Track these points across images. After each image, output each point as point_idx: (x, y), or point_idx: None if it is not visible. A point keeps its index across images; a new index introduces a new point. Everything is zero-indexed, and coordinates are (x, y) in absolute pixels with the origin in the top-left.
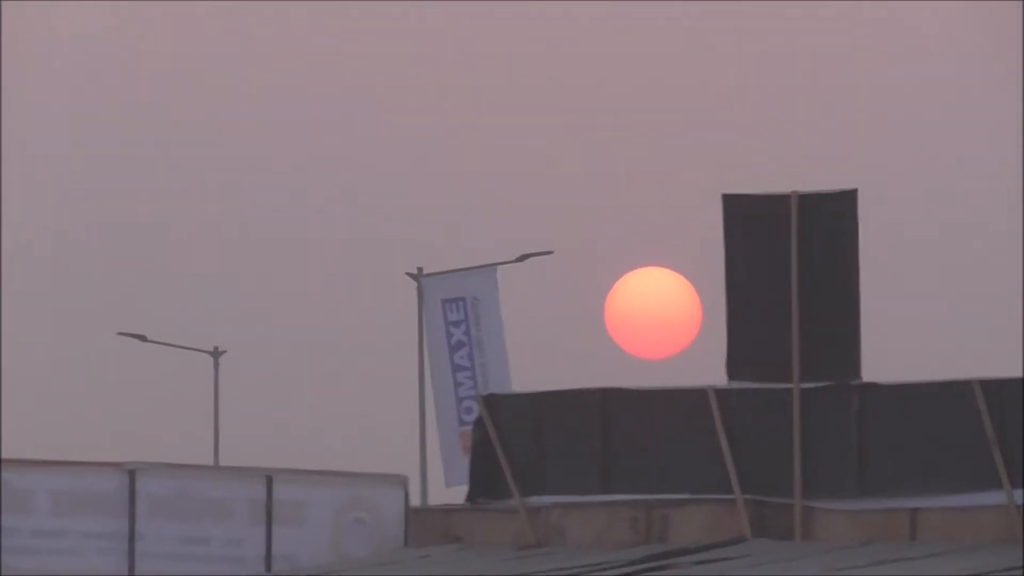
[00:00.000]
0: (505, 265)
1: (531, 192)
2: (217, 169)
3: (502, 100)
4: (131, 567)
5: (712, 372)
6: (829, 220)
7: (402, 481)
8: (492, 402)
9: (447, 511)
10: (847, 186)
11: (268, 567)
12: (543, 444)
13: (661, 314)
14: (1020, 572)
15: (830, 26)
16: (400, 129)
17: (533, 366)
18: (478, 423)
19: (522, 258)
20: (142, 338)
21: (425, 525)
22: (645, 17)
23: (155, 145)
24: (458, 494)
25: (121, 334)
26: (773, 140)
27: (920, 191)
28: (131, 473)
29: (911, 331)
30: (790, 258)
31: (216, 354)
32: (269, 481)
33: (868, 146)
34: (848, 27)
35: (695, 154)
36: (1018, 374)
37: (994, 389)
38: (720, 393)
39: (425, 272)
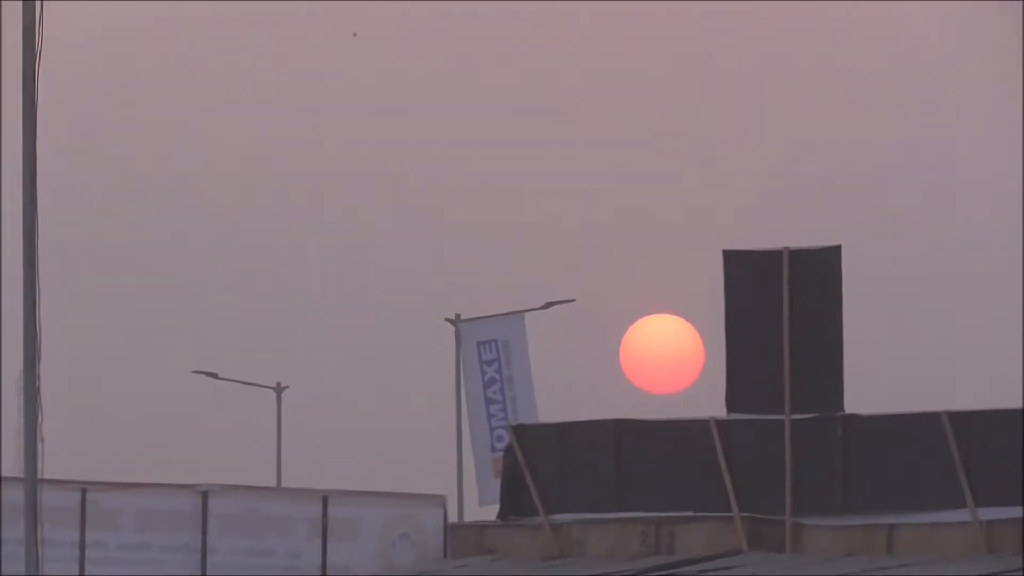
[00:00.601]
0: (532, 312)
1: (555, 245)
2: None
3: (526, 158)
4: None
5: (713, 405)
6: (816, 273)
7: (441, 501)
8: (520, 431)
9: (481, 527)
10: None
11: None
12: (565, 468)
13: (668, 355)
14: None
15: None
16: (439, 186)
17: (557, 400)
18: (508, 449)
19: (547, 305)
20: (214, 375)
21: (462, 539)
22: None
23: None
24: (490, 512)
25: (196, 372)
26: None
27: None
28: (204, 494)
29: (891, 367)
30: (782, 306)
31: (279, 389)
32: (325, 501)
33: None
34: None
35: (699, 207)
36: (982, 407)
37: (960, 419)
38: (720, 424)
39: (462, 318)
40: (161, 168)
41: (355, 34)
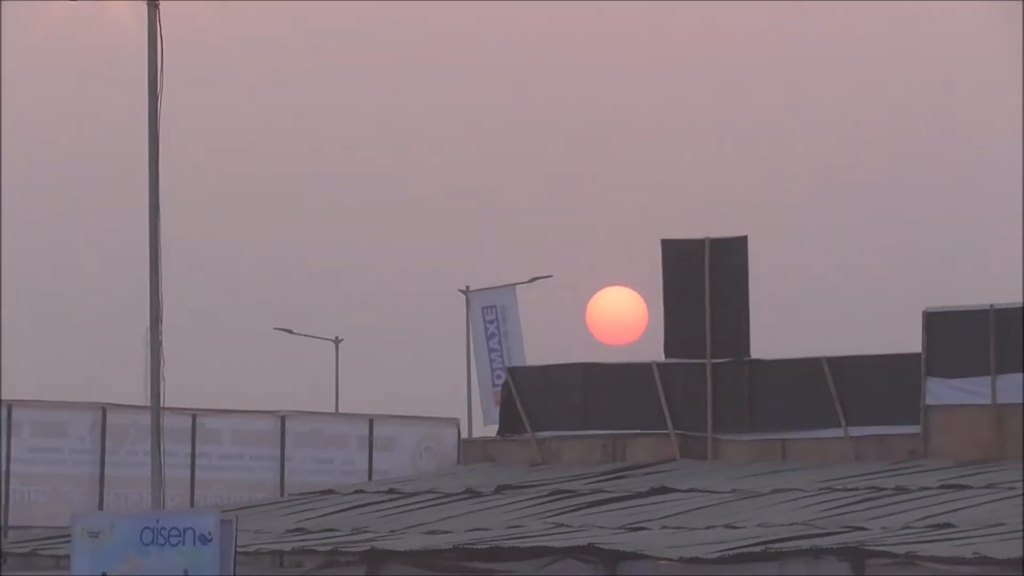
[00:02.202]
0: (521, 284)
1: (538, 230)
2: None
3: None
4: (283, 479)
5: (654, 353)
6: (729, 256)
7: (456, 422)
8: (513, 372)
9: (485, 441)
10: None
11: (370, 478)
12: (546, 398)
13: (621, 316)
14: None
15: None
16: (450, 178)
17: (540, 349)
18: (505, 385)
19: (532, 280)
20: (289, 331)
21: (471, 450)
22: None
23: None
24: (491, 430)
25: (277, 328)
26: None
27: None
28: (282, 418)
29: (783, 324)
30: (704, 281)
31: (336, 341)
32: (371, 422)
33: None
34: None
35: (645, 202)
36: (852, 353)
37: (835, 363)
38: (660, 366)
39: (471, 289)
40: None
41: None
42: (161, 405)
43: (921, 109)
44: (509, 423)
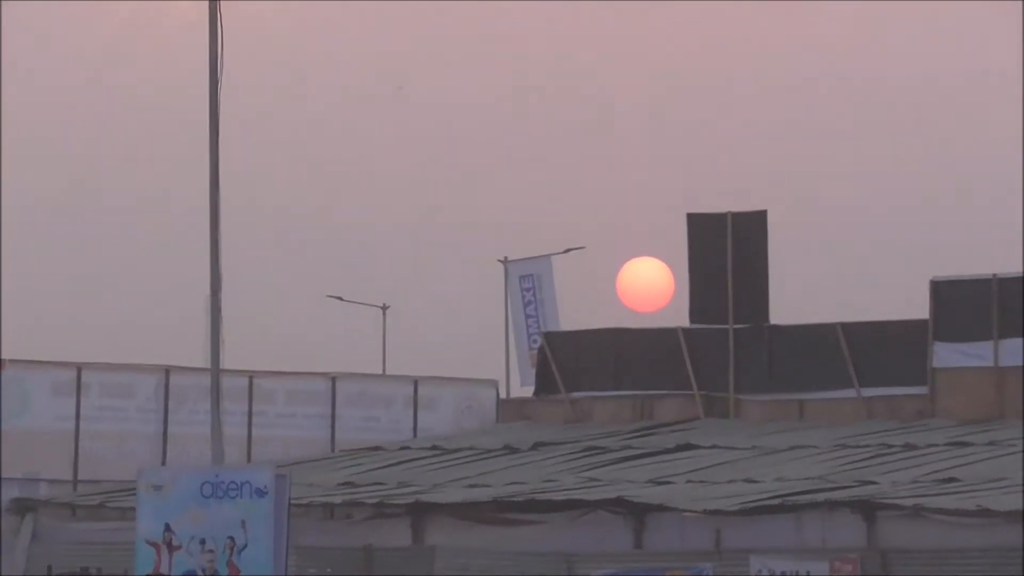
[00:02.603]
0: (556, 255)
1: (572, 202)
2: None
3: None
4: (333, 436)
5: (680, 319)
6: (750, 229)
7: (495, 383)
8: (549, 336)
9: (522, 401)
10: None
11: (414, 435)
12: (579, 360)
13: (650, 285)
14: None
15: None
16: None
17: (573, 315)
18: (540, 348)
19: (566, 250)
20: (340, 298)
21: (508, 410)
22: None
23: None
24: (528, 391)
25: (328, 296)
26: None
27: None
28: (333, 379)
29: (802, 293)
30: (726, 252)
31: (384, 308)
32: (416, 383)
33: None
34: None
35: (670, 181)
36: (865, 319)
37: (849, 328)
38: (685, 331)
39: (509, 259)
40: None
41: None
42: (220, 367)
43: (928, 86)
44: (544, 384)
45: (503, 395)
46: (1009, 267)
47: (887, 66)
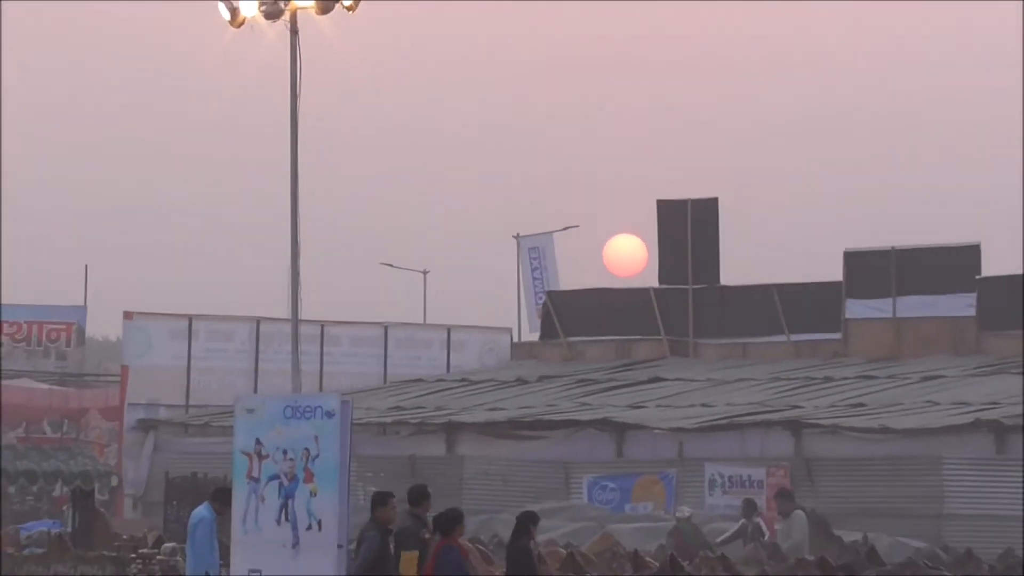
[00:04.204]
0: (556, 232)
1: (569, 191)
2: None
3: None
4: (385, 371)
5: (652, 281)
6: (705, 212)
7: (509, 331)
8: (551, 295)
9: (530, 344)
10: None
11: (448, 371)
12: (575, 312)
13: (628, 255)
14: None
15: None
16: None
17: (570, 278)
18: (544, 304)
19: (564, 228)
20: (391, 265)
21: (520, 350)
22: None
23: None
24: (535, 336)
25: (382, 263)
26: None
27: None
28: (386, 327)
29: (750, 256)
30: (687, 230)
31: (424, 272)
32: (448, 330)
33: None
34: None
35: (647, 169)
36: (796, 280)
37: (782, 287)
38: (656, 290)
39: (520, 235)
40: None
41: None
42: (299, 318)
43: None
44: (548, 331)
45: (516, 339)
46: (904, 240)
47: (819, 71)
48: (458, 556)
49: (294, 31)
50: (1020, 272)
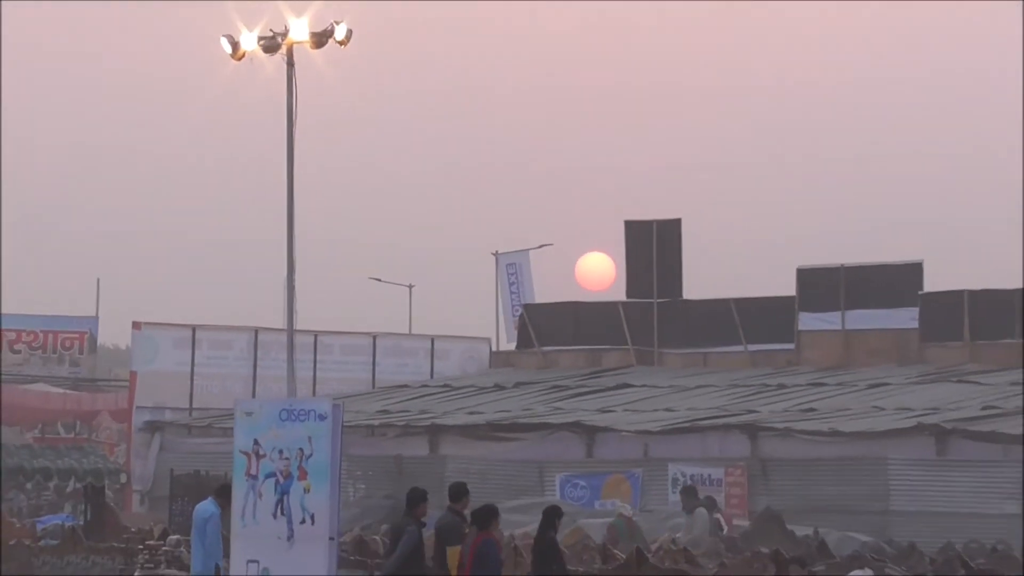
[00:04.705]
0: (532, 249)
1: (544, 213)
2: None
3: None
4: (373, 377)
5: (620, 295)
6: (668, 232)
7: (488, 340)
8: (528, 307)
9: (509, 352)
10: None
11: (431, 377)
12: (550, 323)
13: (598, 272)
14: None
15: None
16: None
17: (545, 291)
18: (521, 316)
19: (540, 246)
20: (379, 279)
21: (498, 359)
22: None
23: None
24: (512, 346)
25: (371, 278)
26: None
27: None
28: (374, 336)
29: (711, 272)
30: (652, 248)
31: (410, 287)
32: (432, 340)
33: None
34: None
35: (615, 191)
36: (752, 295)
37: (741, 303)
38: (624, 304)
39: (499, 252)
40: None
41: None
42: (294, 328)
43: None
44: (523, 341)
45: (494, 349)
46: (853, 258)
47: (778, 101)
48: (495, 548)
49: (290, 63)
50: (959, 288)
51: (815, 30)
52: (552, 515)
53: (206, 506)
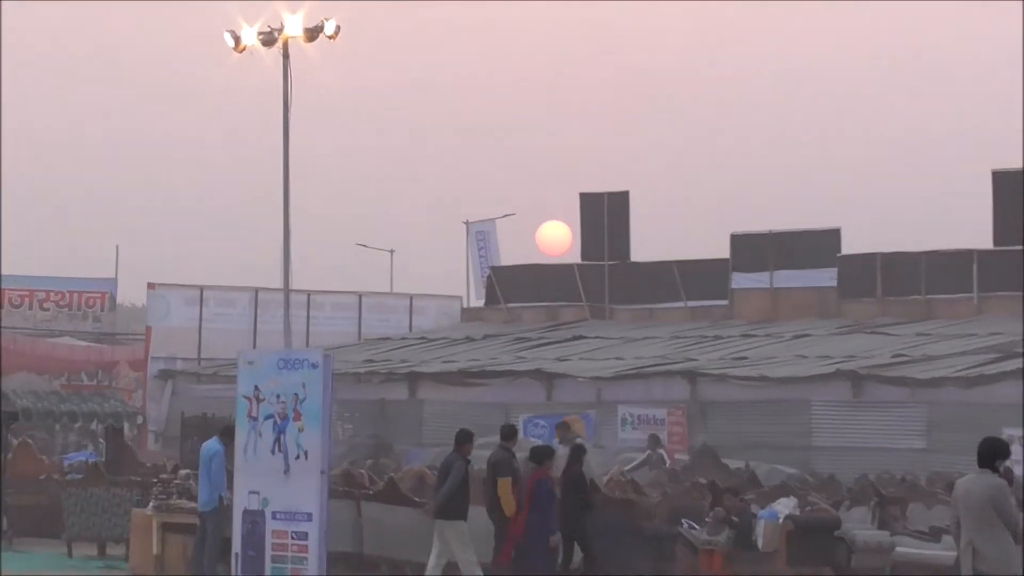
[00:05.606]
0: (498, 218)
1: (510, 184)
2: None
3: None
4: (360, 331)
5: (576, 259)
6: (619, 202)
7: (460, 299)
8: (495, 269)
9: (478, 309)
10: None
11: (410, 330)
12: (514, 282)
13: (556, 239)
14: None
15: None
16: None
17: (510, 255)
18: (489, 277)
19: (505, 215)
20: (365, 245)
21: (468, 315)
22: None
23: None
24: (480, 303)
25: (357, 244)
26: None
27: None
28: (360, 296)
29: (655, 237)
30: (604, 216)
31: (391, 251)
32: (411, 298)
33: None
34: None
35: (569, 166)
36: (692, 258)
37: (681, 263)
38: (579, 266)
39: (470, 221)
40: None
41: None
42: (289, 288)
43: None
44: (491, 298)
45: (465, 306)
46: (780, 225)
47: (715, 85)
48: (550, 486)
49: (286, 55)
50: (873, 251)
51: (748, 16)
52: (578, 451)
53: (212, 444)
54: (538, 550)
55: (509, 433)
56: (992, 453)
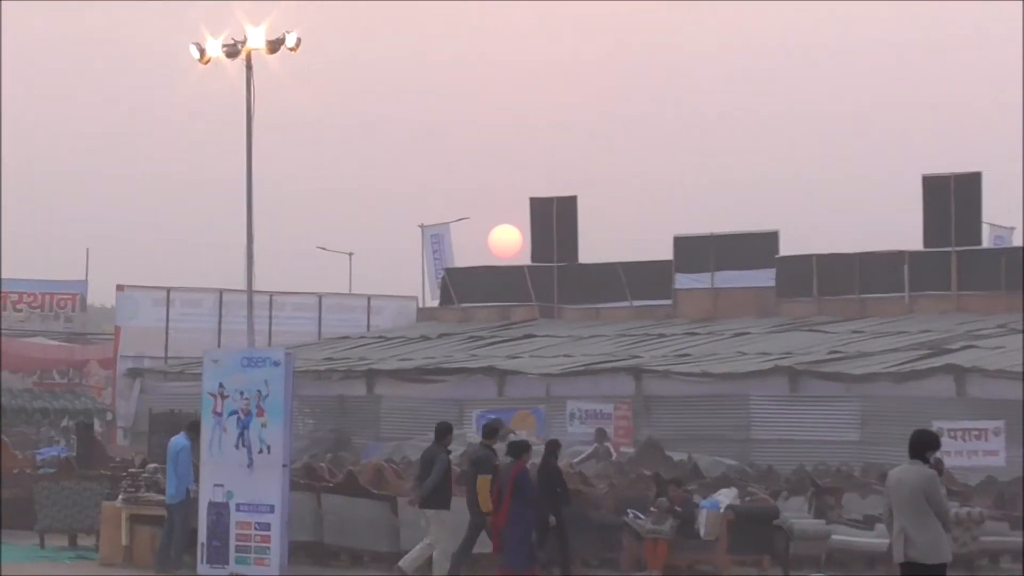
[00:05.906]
0: (452, 222)
1: (463, 191)
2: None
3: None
4: (319, 330)
5: (526, 260)
6: (568, 206)
7: (416, 299)
8: (449, 271)
9: (433, 309)
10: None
11: (368, 329)
12: (467, 284)
13: (508, 241)
14: None
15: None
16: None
17: (463, 257)
18: (443, 278)
19: (459, 219)
20: (324, 248)
21: (424, 314)
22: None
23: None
24: (436, 303)
25: (317, 247)
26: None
27: None
28: (320, 297)
29: (601, 239)
30: (553, 220)
31: (350, 254)
32: (369, 299)
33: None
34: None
35: (521, 172)
36: (641, 259)
37: (627, 267)
38: (529, 268)
39: (425, 224)
40: None
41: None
42: (252, 290)
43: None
44: (446, 299)
45: (421, 305)
46: (721, 227)
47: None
48: (528, 476)
49: (249, 66)
50: (809, 253)
51: (681, 17)
52: (553, 447)
53: (179, 439)
54: (520, 538)
55: (491, 431)
56: (923, 444)
